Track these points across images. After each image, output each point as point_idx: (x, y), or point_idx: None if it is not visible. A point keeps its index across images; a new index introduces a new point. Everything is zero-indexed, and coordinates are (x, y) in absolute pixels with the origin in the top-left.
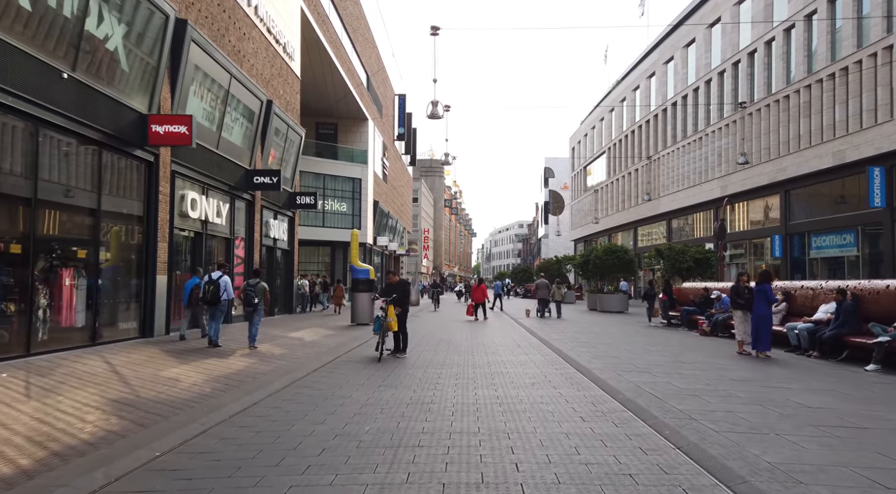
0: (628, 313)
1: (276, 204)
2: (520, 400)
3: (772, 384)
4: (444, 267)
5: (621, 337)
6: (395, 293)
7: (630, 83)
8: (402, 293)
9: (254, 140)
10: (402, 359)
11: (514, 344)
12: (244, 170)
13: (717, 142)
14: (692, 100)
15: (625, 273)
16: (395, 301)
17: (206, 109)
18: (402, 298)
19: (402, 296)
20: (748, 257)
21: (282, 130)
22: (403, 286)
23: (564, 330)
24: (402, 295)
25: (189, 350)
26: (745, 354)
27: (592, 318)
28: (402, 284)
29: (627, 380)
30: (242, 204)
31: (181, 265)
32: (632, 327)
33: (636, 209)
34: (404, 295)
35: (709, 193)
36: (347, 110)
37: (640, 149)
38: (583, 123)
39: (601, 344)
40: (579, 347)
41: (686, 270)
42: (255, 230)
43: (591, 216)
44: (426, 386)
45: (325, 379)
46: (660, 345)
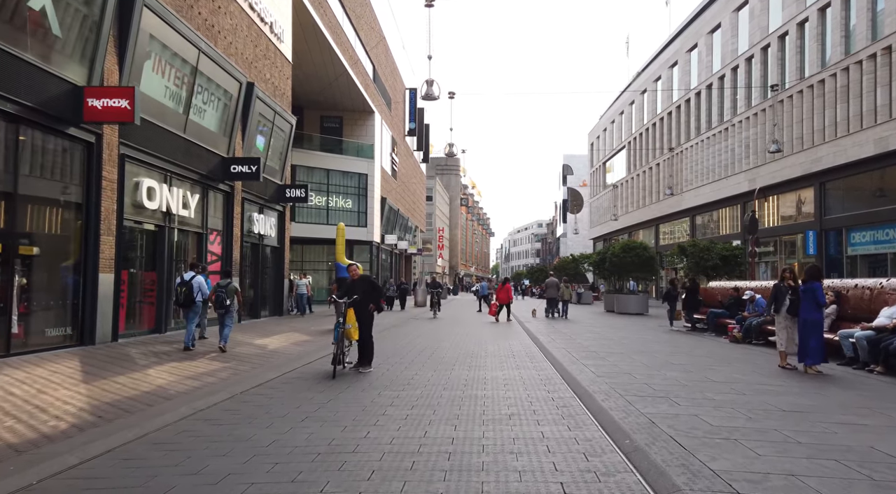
0: (648, 315)
1: (261, 197)
2: (482, 449)
3: (839, 417)
4: (461, 266)
5: (637, 344)
6: (356, 292)
7: (651, 74)
8: (365, 292)
9: (232, 126)
10: (364, 375)
11: (508, 354)
12: (220, 158)
13: (745, 133)
14: (717, 88)
15: (644, 272)
16: (355, 303)
17: (169, 88)
18: (367, 299)
19: (367, 297)
20: (779, 255)
21: (268, 117)
22: (367, 284)
23: (573, 335)
24: (365, 294)
25: (126, 357)
26: (790, 368)
27: (607, 321)
28: (364, 281)
29: (639, 412)
30: (219, 195)
31: (137, 262)
32: (651, 332)
33: (658, 205)
34: (369, 294)
35: (735, 187)
36: (352, 103)
37: (662, 142)
38: (602, 118)
39: (612, 355)
40: (585, 360)
41: (712, 268)
42: (234, 224)
43: (611, 213)
44: (366, 420)
45: (244, 406)
46: (683, 356)
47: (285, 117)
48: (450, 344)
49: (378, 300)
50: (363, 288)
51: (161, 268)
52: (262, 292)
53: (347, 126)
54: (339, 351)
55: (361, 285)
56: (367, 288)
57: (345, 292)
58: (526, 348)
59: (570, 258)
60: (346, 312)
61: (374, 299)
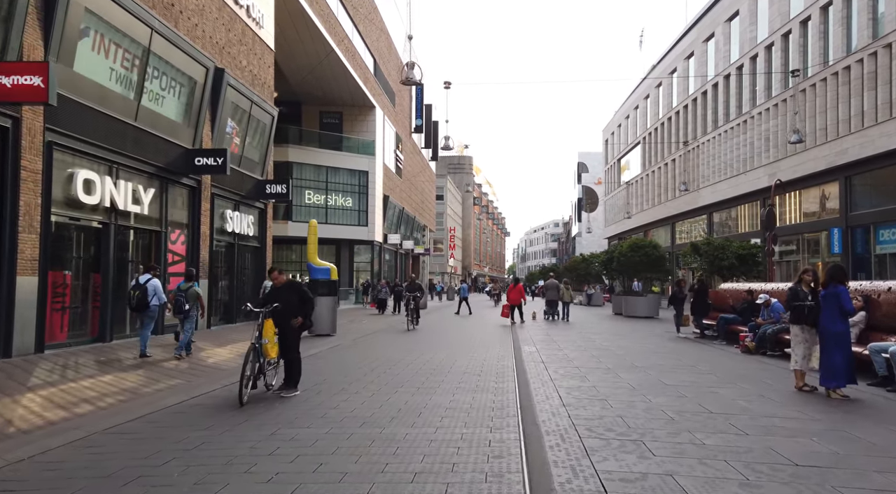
0: (658, 319)
1: (237, 192)
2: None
3: (874, 477)
4: (474, 267)
5: (633, 356)
6: (277, 301)
7: (666, 66)
8: (289, 302)
9: (198, 115)
10: (281, 402)
11: (476, 371)
12: (183, 149)
13: (765, 125)
14: (736, 79)
15: (654, 272)
16: (274, 314)
17: (115, 70)
18: (289, 310)
19: (290, 308)
20: (800, 254)
21: (243, 107)
22: (292, 292)
23: (563, 343)
24: (288, 305)
25: (27, 372)
26: (809, 391)
27: (610, 325)
28: (289, 289)
29: (591, 471)
30: (183, 190)
31: (75, 263)
32: (654, 340)
33: (673, 203)
34: (293, 305)
35: (755, 183)
36: (352, 98)
37: (678, 137)
38: (616, 113)
39: (596, 372)
40: (562, 379)
41: (728, 268)
42: (201, 222)
43: (624, 212)
44: (215, 480)
45: (81, 454)
46: (682, 373)
47: (265, 108)
48: (415, 356)
49: (306, 312)
50: (287, 296)
51: (106, 270)
52: (239, 295)
53: (347, 122)
54: (249, 372)
55: (285, 293)
56: (291, 298)
57: (265, 300)
58: (500, 361)
59: (580, 258)
60: (262, 325)
61: (301, 310)
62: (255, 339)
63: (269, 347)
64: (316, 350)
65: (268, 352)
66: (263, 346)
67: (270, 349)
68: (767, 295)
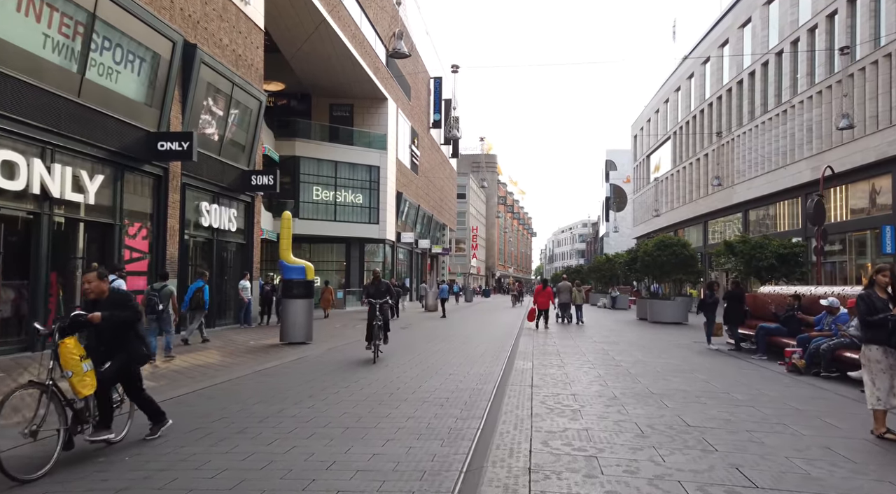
0: (687, 324)
1: (216, 183)
2: None
3: None
4: (498, 267)
5: (652, 376)
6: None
7: (699, 56)
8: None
9: (164, 95)
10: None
11: (442, 398)
12: (143, 132)
13: (807, 114)
14: (775, 66)
15: (683, 273)
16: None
17: (50, 37)
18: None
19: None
20: (848, 254)
21: (223, 90)
22: (116, 303)
23: (570, 356)
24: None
25: None
26: (894, 440)
27: (631, 333)
28: (114, 300)
29: None
30: (145, 179)
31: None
32: (679, 352)
33: (706, 200)
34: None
35: (796, 177)
36: (362, 90)
37: (711, 130)
38: (646, 108)
39: (598, 401)
40: (548, 416)
41: (766, 269)
42: (168, 215)
43: (652, 211)
44: None
45: None
46: (715, 404)
47: (251, 92)
48: (379, 373)
49: (131, 325)
50: (110, 307)
51: (37, 268)
52: (219, 295)
53: (359, 115)
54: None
55: (107, 304)
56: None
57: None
58: (481, 383)
59: (604, 258)
60: (57, 349)
61: (124, 324)
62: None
63: (74, 381)
64: (272, 363)
65: (75, 388)
66: (69, 380)
67: (79, 382)
68: (836, 300)
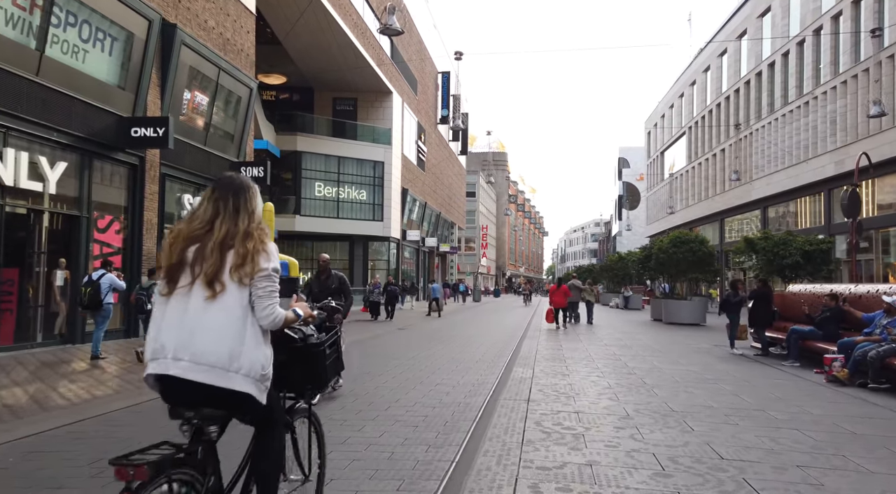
0: (705, 326)
1: (200, 174)
2: None
3: None
4: (508, 267)
5: (671, 388)
6: None
7: (715, 48)
8: None
9: (139, 77)
10: None
11: (421, 415)
12: (115, 117)
13: (831, 105)
14: (796, 56)
15: (700, 272)
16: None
17: (4, 9)
18: None
19: None
20: (874, 252)
21: (208, 75)
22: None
23: (578, 362)
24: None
25: None
26: None
27: (645, 335)
28: None
29: None
30: (118, 168)
31: None
32: (700, 358)
33: (722, 197)
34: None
35: (818, 172)
36: (366, 83)
37: (728, 125)
38: (660, 103)
39: (608, 421)
40: (542, 444)
41: (791, 267)
42: (145, 207)
43: (666, 209)
44: None
45: None
46: (750, 425)
47: (241, 79)
48: (351, 384)
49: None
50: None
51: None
52: None
53: (363, 109)
54: None
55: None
56: None
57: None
58: (469, 395)
59: (616, 257)
60: None
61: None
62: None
63: None
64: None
65: None
66: None
67: None
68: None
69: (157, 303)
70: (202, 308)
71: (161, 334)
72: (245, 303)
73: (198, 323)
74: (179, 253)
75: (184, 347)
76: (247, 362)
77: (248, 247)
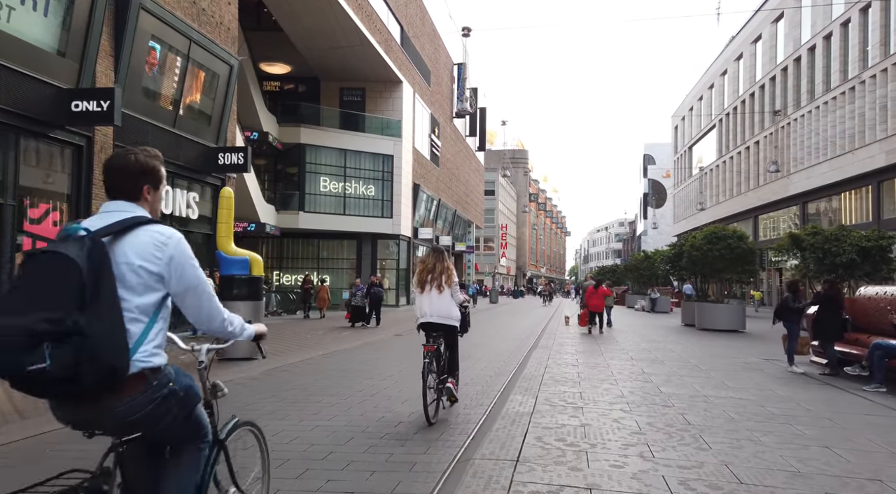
0: (745, 333)
1: (170, 161)
2: None
3: None
4: (529, 267)
5: (732, 431)
6: None
7: (748, 34)
8: None
9: (84, 43)
10: None
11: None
12: (53, 89)
13: (881, 90)
14: (840, 38)
15: (739, 272)
16: None
17: None
18: None
19: None
20: None
21: (175, 46)
22: None
23: (596, 386)
24: None
25: None
26: None
27: (678, 345)
28: None
29: None
30: (60, 149)
31: None
32: (752, 378)
33: (756, 193)
34: None
35: (866, 163)
36: (374, 71)
37: (762, 115)
38: (688, 96)
39: None
40: None
41: (846, 267)
42: (94, 195)
43: (696, 204)
44: None
45: None
46: None
47: (217, 54)
48: (289, 426)
49: None
50: None
51: None
52: None
53: (371, 99)
54: None
55: None
56: None
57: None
58: (431, 451)
59: (642, 255)
60: None
61: None
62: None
63: None
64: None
65: None
66: None
67: None
68: None
69: (417, 295)
70: (436, 297)
71: (423, 308)
72: (450, 296)
73: (435, 302)
74: (423, 275)
75: (433, 311)
76: (454, 315)
77: (448, 274)
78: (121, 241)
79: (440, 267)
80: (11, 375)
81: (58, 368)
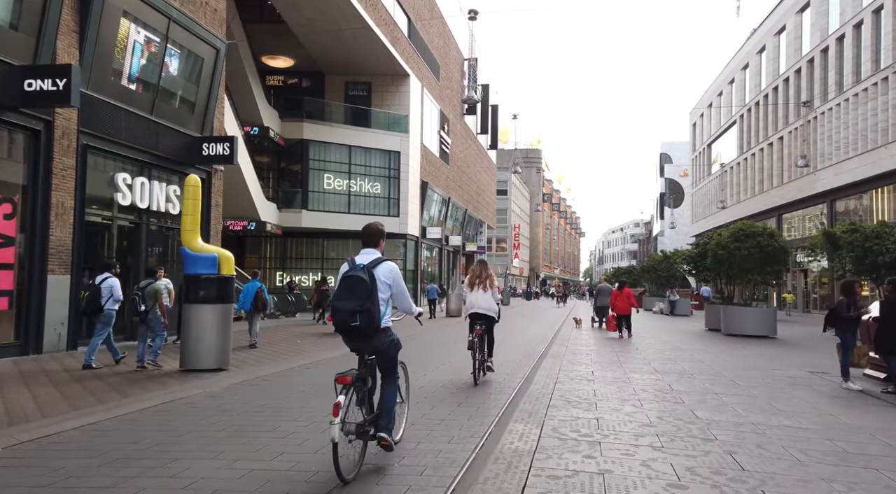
0: (776, 339)
1: (146, 150)
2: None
3: None
4: (543, 268)
5: (788, 480)
6: None
7: (771, 26)
8: None
9: (42, 16)
10: None
11: None
12: (3, 65)
13: None
14: (871, 25)
15: (769, 272)
16: None
17: None
18: None
19: None
20: None
21: (152, 25)
22: None
23: (616, 408)
24: None
25: None
26: None
27: (707, 354)
28: None
29: None
30: (10, 134)
31: None
32: (803, 397)
33: (779, 191)
34: None
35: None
36: (380, 64)
37: (786, 110)
38: (706, 92)
39: None
40: None
41: (887, 267)
42: (53, 186)
43: (717, 202)
44: None
45: None
46: None
47: (202, 36)
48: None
49: None
50: None
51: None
52: None
53: (377, 93)
54: None
55: None
56: None
57: None
58: None
59: (660, 256)
60: None
61: None
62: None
63: None
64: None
65: None
66: None
67: None
68: None
69: (468, 293)
70: (482, 295)
71: (472, 302)
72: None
73: (482, 299)
74: (473, 278)
75: (479, 305)
76: (494, 308)
77: (491, 279)
78: (376, 268)
79: (485, 273)
80: (343, 329)
81: (363, 325)
